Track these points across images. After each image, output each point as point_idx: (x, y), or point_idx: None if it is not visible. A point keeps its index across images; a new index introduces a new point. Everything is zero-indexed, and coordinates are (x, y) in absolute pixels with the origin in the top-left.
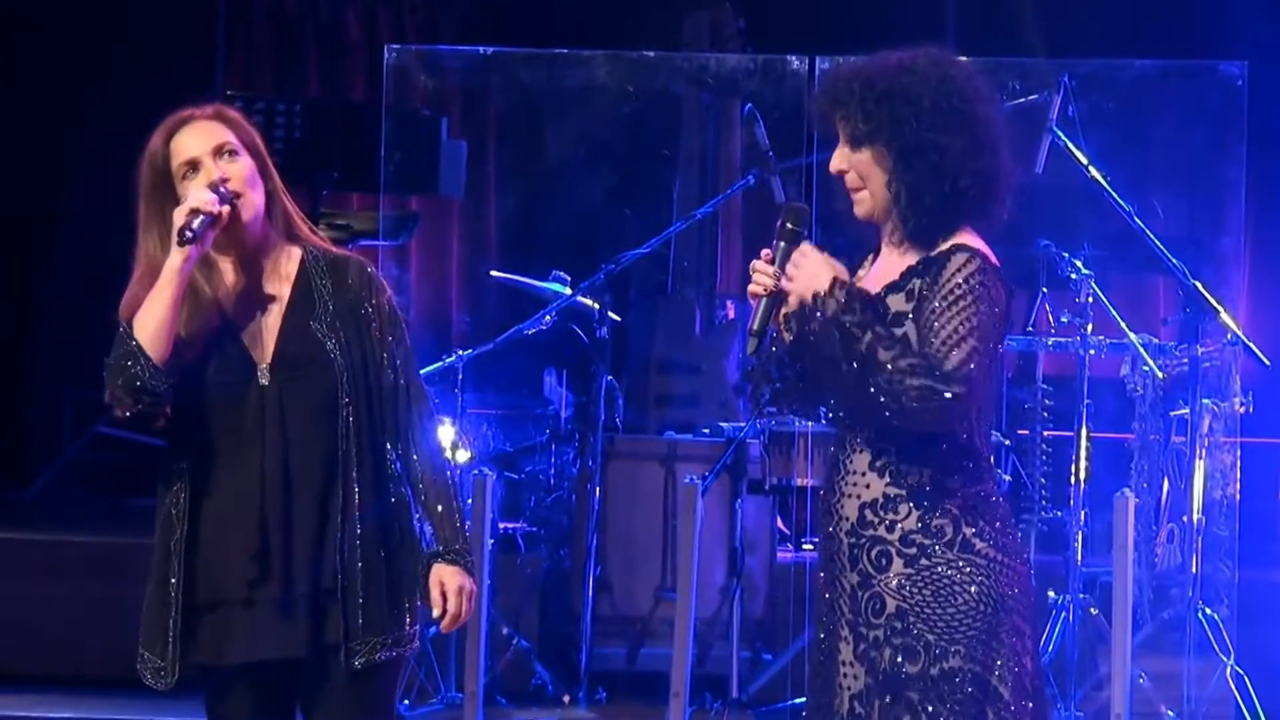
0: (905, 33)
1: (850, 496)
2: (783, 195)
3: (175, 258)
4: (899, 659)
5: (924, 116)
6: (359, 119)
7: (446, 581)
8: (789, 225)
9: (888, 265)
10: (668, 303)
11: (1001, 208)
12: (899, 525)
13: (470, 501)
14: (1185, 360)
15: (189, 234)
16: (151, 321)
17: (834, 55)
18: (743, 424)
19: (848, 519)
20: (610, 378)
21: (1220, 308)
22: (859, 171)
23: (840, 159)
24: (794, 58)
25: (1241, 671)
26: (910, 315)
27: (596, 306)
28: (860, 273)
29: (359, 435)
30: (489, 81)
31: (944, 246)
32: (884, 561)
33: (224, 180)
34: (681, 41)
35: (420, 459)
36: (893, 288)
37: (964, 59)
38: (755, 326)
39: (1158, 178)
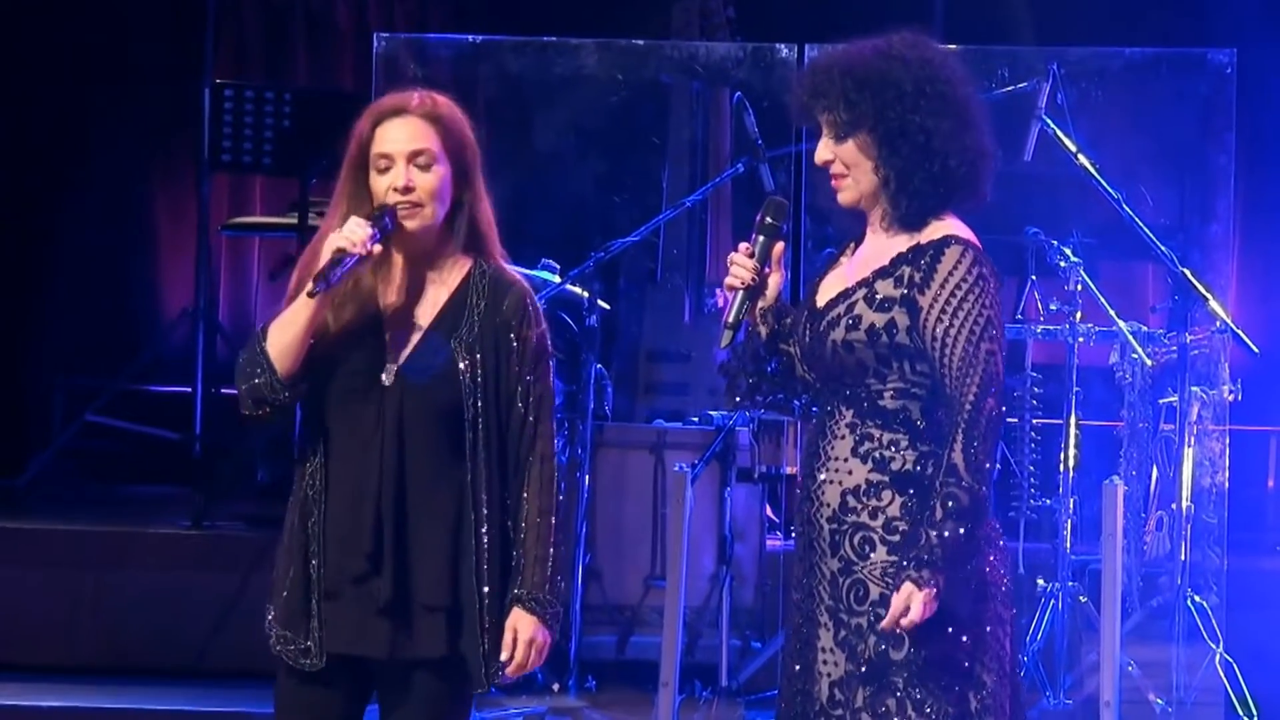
0: (894, 20)
1: (831, 482)
2: (772, 183)
3: (305, 294)
4: (883, 646)
5: (907, 100)
6: (348, 107)
7: (521, 630)
8: (768, 219)
9: (874, 250)
10: (657, 291)
11: (984, 188)
12: (882, 512)
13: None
14: (1174, 348)
15: (322, 284)
16: (285, 337)
17: (823, 43)
18: (732, 412)
19: (829, 505)
20: (599, 366)
21: (1209, 295)
22: (844, 161)
23: (825, 149)
24: (783, 46)
25: (1230, 659)
26: (899, 302)
27: (585, 295)
28: (843, 259)
29: (487, 459)
30: (478, 70)
31: (933, 235)
32: (866, 548)
33: (406, 191)
34: (670, 30)
35: (529, 498)
36: (882, 273)
37: (940, 44)
38: (731, 319)
39: (1147, 165)
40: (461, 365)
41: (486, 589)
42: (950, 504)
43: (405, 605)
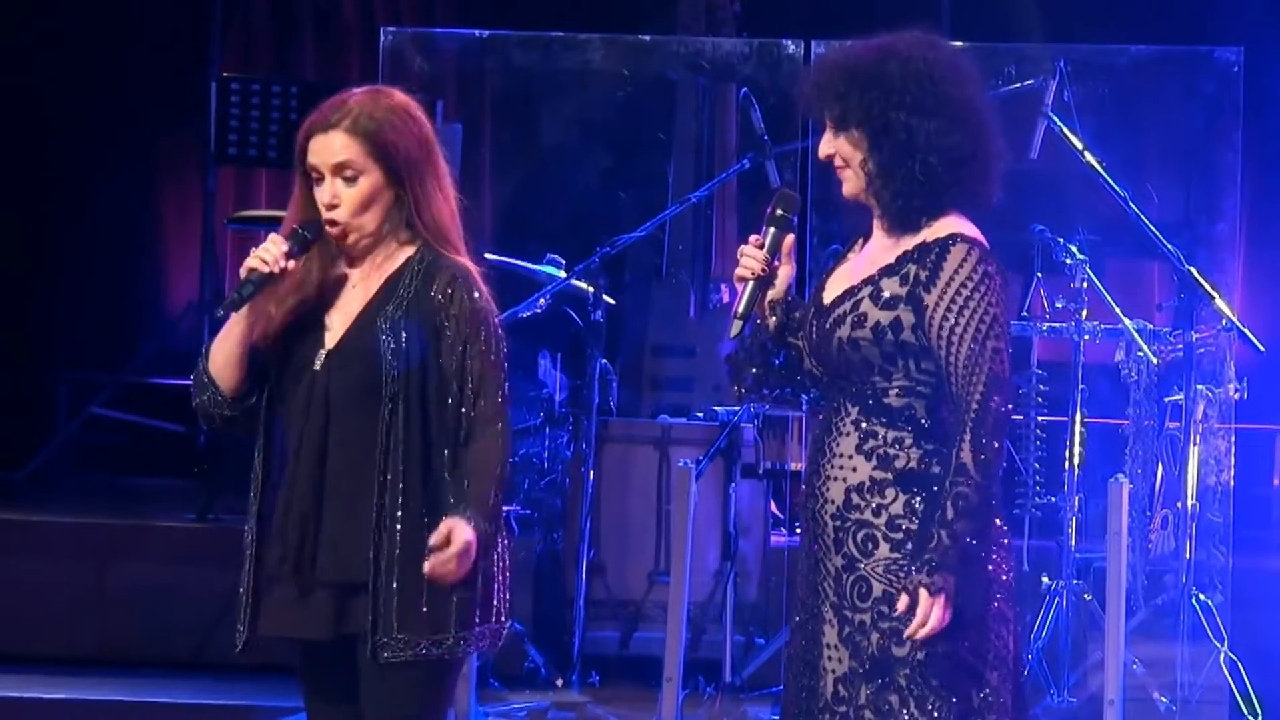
0: (901, 16)
1: (836, 479)
2: (778, 179)
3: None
4: (886, 642)
5: (893, 97)
6: None
7: (456, 532)
8: (779, 211)
9: (880, 248)
10: (662, 286)
11: (987, 188)
12: (885, 509)
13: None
14: (1180, 346)
15: (231, 307)
16: (220, 354)
17: (829, 39)
18: (737, 408)
19: (833, 502)
20: (604, 361)
21: (1215, 293)
22: (842, 155)
23: (825, 144)
24: (789, 42)
25: (1235, 657)
26: (904, 300)
27: (591, 290)
28: (850, 255)
29: (406, 437)
30: (484, 64)
31: (939, 233)
32: (870, 545)
33: (331, 208)
34: (677, 25)
35: (474, 459)
36: (887, 271)
37: (952, 42)
38: (740, 310)
39: (1153, 163)
40: (384, 341)
41: (392, 566)
42: (960, 503)
43: (319, 584)
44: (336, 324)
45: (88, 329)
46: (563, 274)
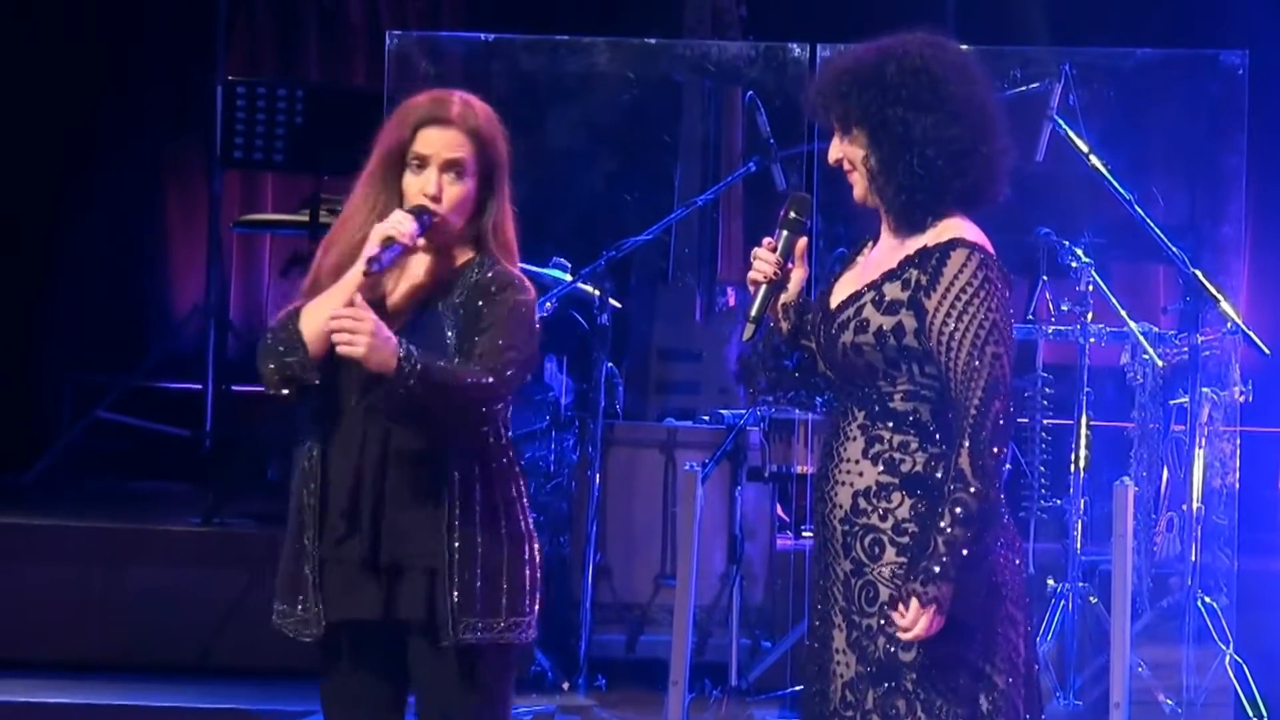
0: (907, 20)
1: (844, 484)
2: (784, 182)
3: (357, 273)
4: (893, 647)
5: (889, 93)
6: (360, 104)
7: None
8: (792, 214)
9: (885, 252)
10: (668, 289)
11: (992, 184)
12: (892, 514)
13: None
14: (1185, 349)
15: (376, 265)
16: (321, 319)
17: (835, 43)
18: (743, 411)
19: (841, 506)
20: (610, 364)
21: (1220, 296)
22: (849, 158)
23: (833, 148)
24: (795, 45)
25: (1240, 660)
26: (906, 305)
27: (597, 293)
28: (859, 258)
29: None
30: (490, 68)
31: (941, 237)
32: (877, 550)
33: (434, 200)
34: (683, 29)
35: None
36: (890, 276)
37: (956, 43)
38: (753, 313)
39: (1158, 166)
40: (448, 332)
41: (458, 546)
42: (958, 509)
43: (385, 566)
44: (398, 315)
45: (93, 332)
46: (568, 277)
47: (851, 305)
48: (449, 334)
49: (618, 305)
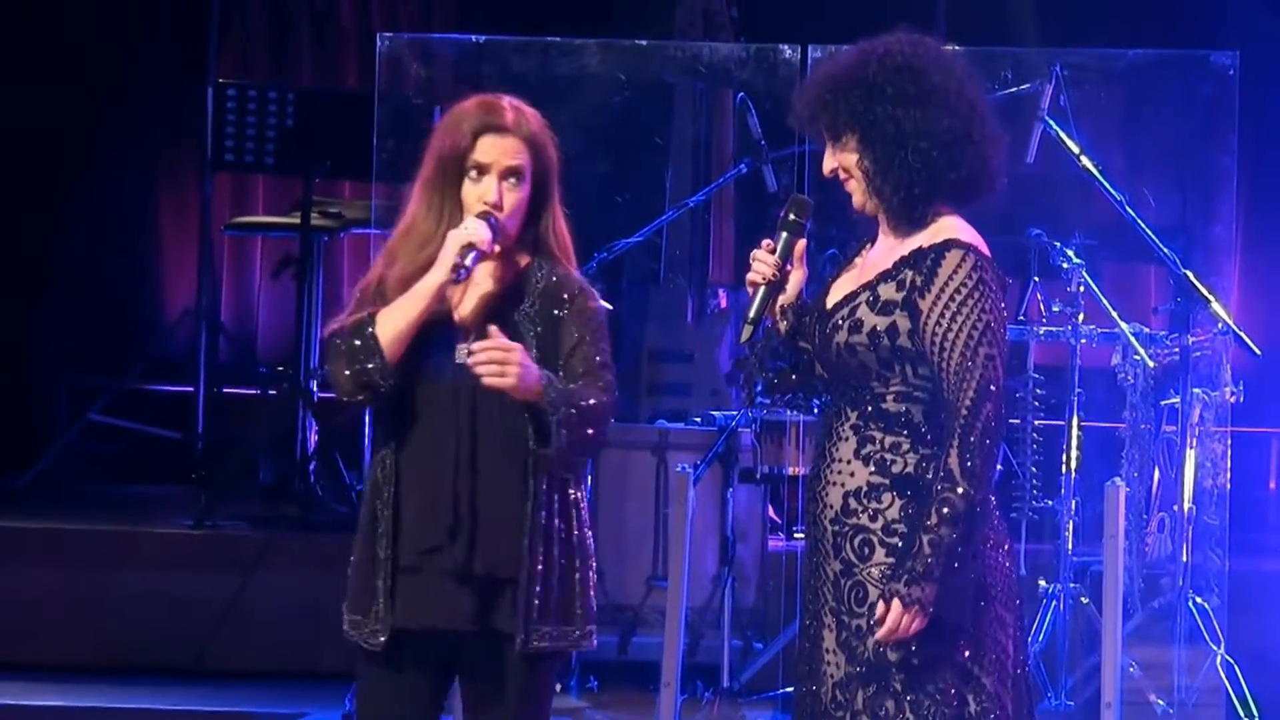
0: (897, 21)
1: (835, 485)
2: (775, 184)
3: (437, 278)
4: (881, 647)
5: (875, 92)
6: (351, 107)
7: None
8: (792, 216)
9: (881, 253)
10: (660, 291)
11: (987, 174)
12: (882, 514)
13: None
14: (1176, 349)
15: (463, 272)
16: (399, 323)
17: (826, 44)
18: (735, 413)
19: (832, 507)
20: None
21: (1211, 297)
22: (843, 165)
23: (827, 159)
24: (786, 47)
25: (1231, 660)
26: (900, 305)
27: None
28: (857, 260)
29: None
30: (481, 70)
31: (936, 238)
32: (867, 551)
33: (496, 208)
34: (674, 30)
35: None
36: (885, 277)
37: (934, 39)
38: (751, 315)
39: (1149, 167)
40: (527, 337)
41: (540, 562)
42: (945, 510)
43: (478, 577)
44: (468, 319)
45: (85, 335)
46: None
47: (846, 305)
48: (532, 347)
49: (609, 307)
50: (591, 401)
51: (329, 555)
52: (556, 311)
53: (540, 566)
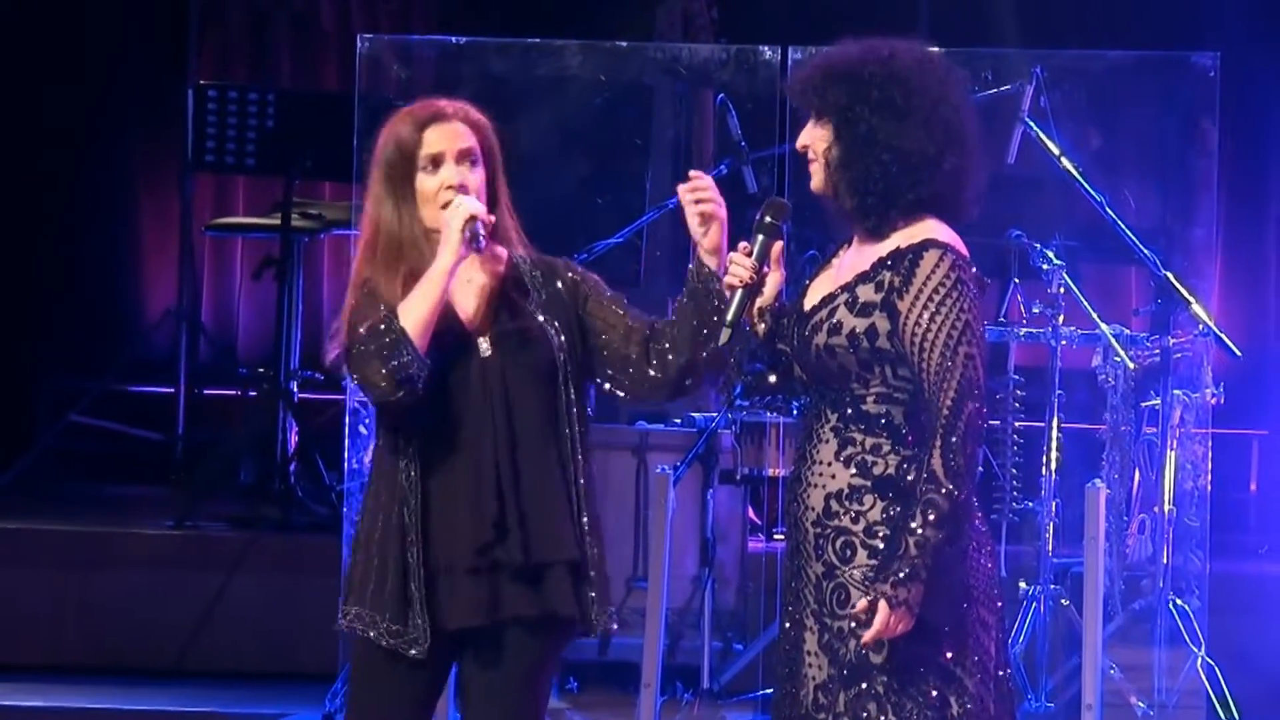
0: (878, 23)
1: (816, 487)
2: (755, 185)
3: (448, 259)
4: (865, 649)
5: (861, 91)
6: (332, 108)
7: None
8: (768, 218)
9: (859, 254)
10: (640, 292)
11: (959, 201)
12: (863, 516)
13: None
14: (1157, 351)
15: (480, 242)
16: (424, 311)
17: (807, 46)
18: (715, 414)
19: (813, 509)
20: None
21: (1192, 299)
22: (813, 147)
23: (803, 134)
24: (767, 48)
25: (1212, 662)
26: (879, 307)
27: None
28: (834, 261)
29: (579, 416)
30: (461, 71)
31: (914, 238)
32: (848, 553)
33: (461, 189)
34: (654, 31)
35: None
36: (863, 278)
37: (939, 53)
38: (729, 318)
39: (1130, 168)
40: (547, 327)
41: (589, 539)
42: (929, 511)
43: (533, 566)
44: (475, 315)
45: (66, 336)
46: None
47: (825, 307)
48: (556, 334)
49: None
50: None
51: (310, 556)
52: (560, 284)
53: (591, 551)
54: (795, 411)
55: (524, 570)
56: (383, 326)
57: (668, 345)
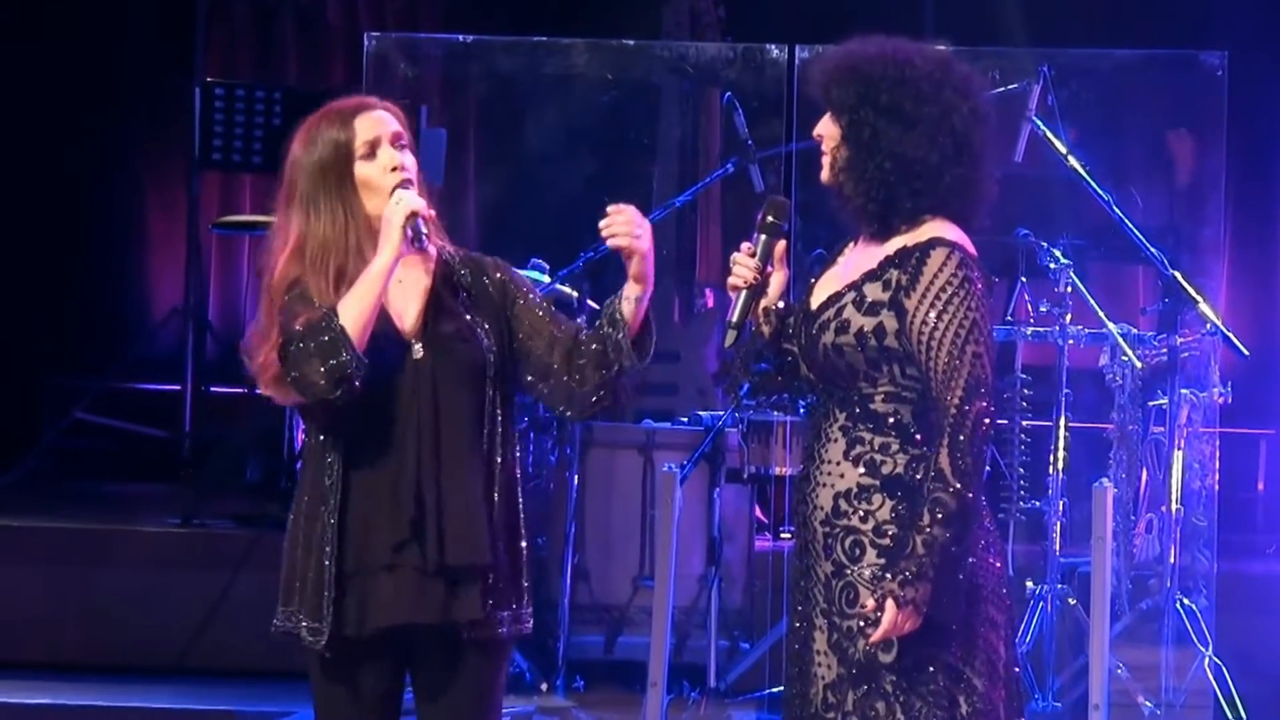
0: (885, 21)
1: (825, 486)
2: (761, 184)
3: (388, 256)
4: (872, 649)
5: (870, 93)
6: None
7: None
8: (770, 218)
9: (865, 252)
10: None
11: (966, 210)
12: (872, 515)
13: None
14: (1164, 350)
15: (423, 239)
16: (364, 310)
17: (814, 44)
18: (721, 412)
19: (822, 508)
20: None
21: (1199, 298)
22: (828, 139)
23: (820, 124)
24: (773, 47)
25: (1219, 661)
26: (886, 305)
27: (575, 295)
28: (839, 259)
29: (503, 418)
30: (469, 69)
31: (920, 237)
32: (857, 552)
33: (403, 169)
34: (661, 30)
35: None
36: (870, 276)
37: (962, 60)
38: (734, 319)
39: (1137, 167)
40: (477, 325)
41: (501, 540)
42: (937, 510)
43: (448, 568)
44: (407, 315)
45: (71, 333)
46: (547, 279)
47: (832, 306)
48: (485, 334)
49: (596, 306)
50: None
51: None
52: (492, 293)
53: (506, 552)
54: (802, 410)
55: (441, 572)
56: (322, 324)
57: (585, 362)
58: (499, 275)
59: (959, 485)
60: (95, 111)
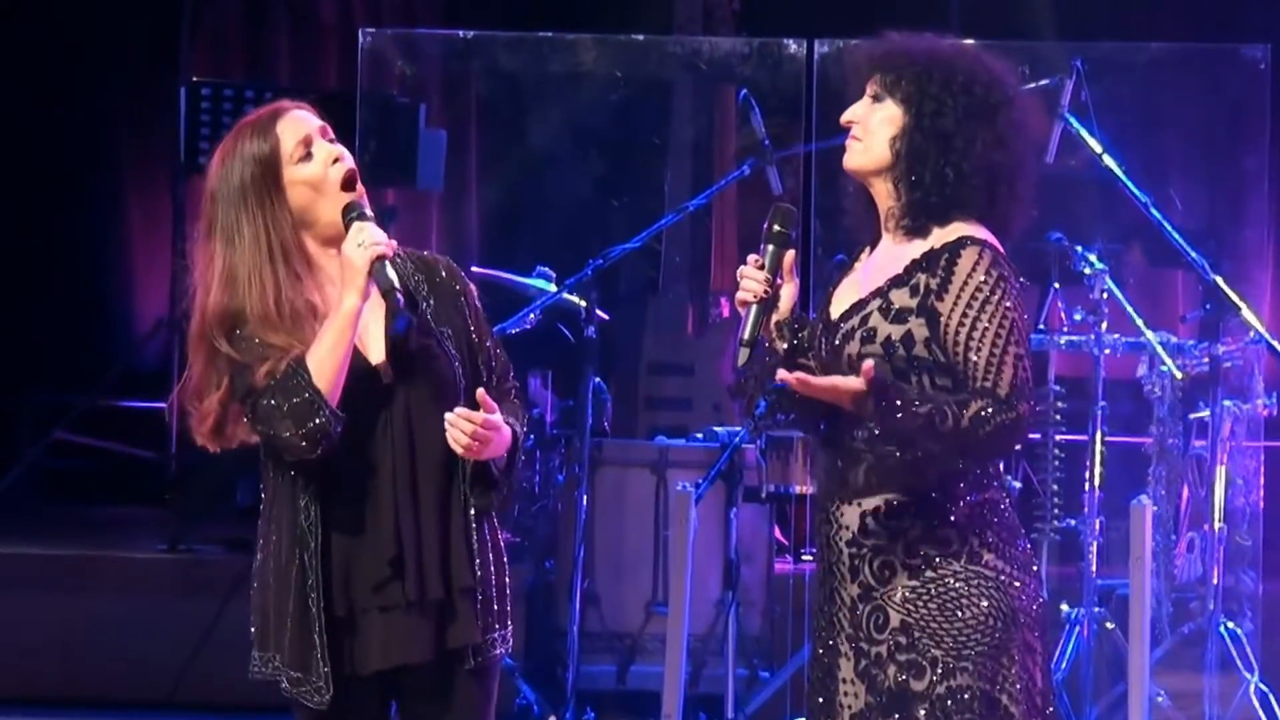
0: (908, 15)
1: (850, 504)
2: (780, 186)
3: (354, 301)
4: (904, 676)
5: (953, 87)
6: (332, 106)
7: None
8: (776, 227)
9: (888, 256)
10: (659, 300)
11: (1011, 207)
12: (903, 535)
13: None
14: (1205, 360)
15: (399, 297)
16: (336, 364)
17: (833, 39)
18: (738, 428)
19: (848, 528)
20: (598, 379)
21: (1242, 304)
22: (868, 125)
23: (857, 106)
24: (791, 41)
25: (1266, 689)
26: (915, 312)
27: (583, 304)
28: (857, 265)
29: None
30: (469, 67)
31: (948, 237)
32: (887, 573)
33: (343, 158)
34: (673, 24)
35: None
36: (896, 282)
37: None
38: (746, 336)
39: (1176, 167)
40: (444, 341)
41: (479, 563)
42: (981, 407)
43: (436, 601)
44: (369, 333)
45: (51, 347)
46: (553, 288)
47: (856, 314)
48: (451, 346)
49: (605, 317)
50: (520, 436)
51: None
52: (448, 299)
53: (494, 579)
54: (821, 431)
55: (428, 606)
56: (293, 382)
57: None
58: (455, 284)
59: (969, 426)
60: (75, 113)
